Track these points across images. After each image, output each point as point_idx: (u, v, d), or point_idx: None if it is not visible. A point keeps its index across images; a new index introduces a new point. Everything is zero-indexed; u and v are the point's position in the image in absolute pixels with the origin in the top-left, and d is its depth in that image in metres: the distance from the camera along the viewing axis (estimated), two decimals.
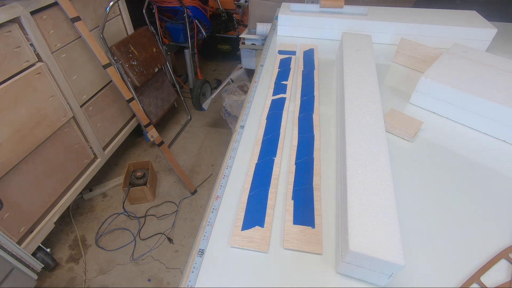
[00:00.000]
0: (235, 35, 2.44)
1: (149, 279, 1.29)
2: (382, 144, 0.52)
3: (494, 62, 0.75)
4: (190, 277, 0.42)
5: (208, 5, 2.25)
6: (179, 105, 2.24)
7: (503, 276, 0.43)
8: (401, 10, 1.05)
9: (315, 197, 0.52)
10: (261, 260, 0.44)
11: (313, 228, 0.48)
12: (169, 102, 1.90)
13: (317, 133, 0.65)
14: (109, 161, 1.61)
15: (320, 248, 0.45)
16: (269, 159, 0.59)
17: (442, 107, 0.70)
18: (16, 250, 1.04)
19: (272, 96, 0.77)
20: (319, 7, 1.05)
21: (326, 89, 0.80)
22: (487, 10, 1.04)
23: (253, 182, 0.55)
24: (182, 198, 1.62)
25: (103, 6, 1.41)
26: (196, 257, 0.44)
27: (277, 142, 0.63)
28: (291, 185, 0.54)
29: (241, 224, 0.48)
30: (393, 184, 0.45)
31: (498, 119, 0.63)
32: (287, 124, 0.69)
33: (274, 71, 0.87)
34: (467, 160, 0.60)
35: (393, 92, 0.80)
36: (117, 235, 1.45)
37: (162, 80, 1.85)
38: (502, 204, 0.52)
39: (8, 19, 0.96)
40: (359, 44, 0.83)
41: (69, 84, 1.26)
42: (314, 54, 0.94)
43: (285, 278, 0.42)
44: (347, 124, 0.57)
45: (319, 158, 0.59)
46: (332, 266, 0.44)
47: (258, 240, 0.46)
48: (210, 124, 2.12)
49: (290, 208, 0.51)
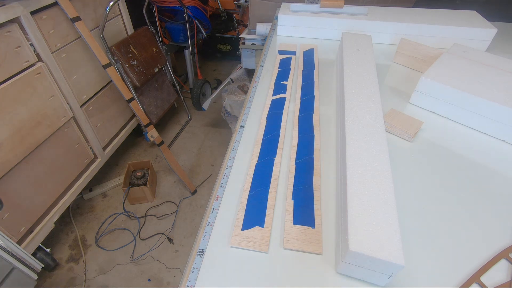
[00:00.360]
0: (235, 35, 2.44)
1: (149, 279, 1.29)
2: (382, 144, 0.52)
3: (494, 62, 0.75)
4: (190, 277, 0.42)
5: (208, 5, 2.25)
6: (179, 105, 2.24)
7: (503, 276, 0.43)
8: (401, 10, 1.05)
9: (315, 197, 0.52)
10: (261, 260, 0.44)
11: (313, 228, 0.48)
12: (169, 102, 1.90)
13: (317, 133, 0.65)
14: (109, 161, 1.61)
15: (320, 248, 0.45)
16: (269, 159, 0.59)
17: (442, 107, 0.70)
18: (16, 250, 1.04)
19: (272, 96, 0.77)
20: (319, 7, 1.05)
21: (326, 89, 0.80)
22: (487, 10, 1.04)
23: (253, 182, 0.55)
24: (182, 198, 1.62)
25: (103, 6, 1.41)
26: (196, 257, 0.44)
27: (277, 142, 0.63)
28: (291, 185, 0.54)
29: (241, 224, 0.48)
30: (393, 184, 0.45)
31: (498, 119, 0.63)
32: (287, 124, 0.69)
33: (274, 71, 0.87)
34: (467, 160, 0.60)
35: (393, 92, 0.80)
36: (117, 235, 1.45)
37: (162, 80, 1.85)
38: (502, 204, 0.52)
39: (8, 19, 0.96)
40: (359, 44, 0.83)
41: (69, 84, 1.26)
42: (314, 54, 0.94)
43: (285, 278, 0.42)
44: (347, 124, 0.57)
45: (319, 158, 0.59)
46: (332, 266, 0.44)
47: (258, 240, 0.46)
48: (210, 124, 2.12)
49: (290, 208, 0.51)
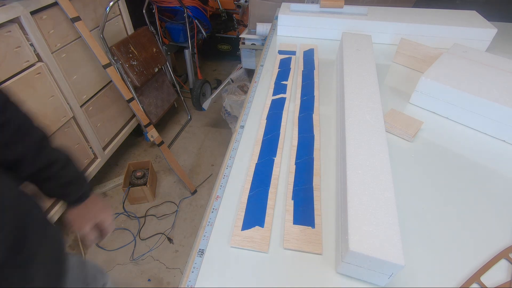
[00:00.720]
0: (235, 35, 2.44)
1: (149, 279, 1.29)
2: (382, 144, 0.52)
3: (494, 62, 0.75)
4: (190, 277, 0.42)
5: (208, 5, 2.25)
6: (179, 105, 2.24)
7: (503, 276, 0.43)
8: (401, 10, 1.05)
9: (315, 197, 0.52)
10: (261, 260, 0.44)
11: (313, 228, 0.48)
12: (169, 102, 1.90)
13: (317, 133, 0.65)
14: (109, 161, 1.61)
15: (320, 248, 0.45)
16: (269, 159, 0.59)
17: (442, 107, 0.70)
18: None
19: (272, 96, 0.77)
20: (319, 7, 1.05)
21: (326, 89, 0.80)
22: (487, 10, 1.04)
23: (253, 182, 0.55)
24: (182, 198, 1.62)
25: (103, 6, 1.40)
26: (196, 257, 0.44)
27: (277, 142, 0.63)
28: (291, 185, 0.54)
29: (241, 224, 0.48)
30: (394, 184, 0.45)
31: (498, 119, 0.63)
32: (287, 124, 0.69)
33: (274, 71, 0.87)
34: (467, 160, 0.60)
35: (393, 92, 0.80)
36: (117, 235, 1.45)
37: (162, 80, 1.85)
38: (502, 204, 0.52)
39: (8, 19, 0.96)
40: (359, 44, 0.83)
41: (69, 84, 1.26)
42: (314, 54, 0.94)
43: (285, 278, 0.42)
44: (347, 124, 0.57)
45: (319, 158, 0.59)
46: (332, 266, 0.44)
47: (258, 240, 0.46)
48: (210, 124, 2.12)
49: (290, 208, 0.51)
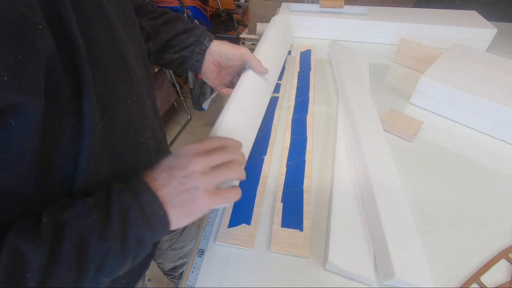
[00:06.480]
0: (235, 35, 2.44)
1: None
2: (383, 145, 0.52)
3: (494, 62, 0.75)
4: (190, 277, 0.42)
5: (208, 5, 2.25)
6: (179, 105, 2.24)
7: (503, 276, 0.43)
8: (401, 10, 1.05)
9: (305, 200, 0.51)
10: (261, 260, 0.44)
11: (301, 231, 0.47)
12: (169, 102, 1.90)
13: (310, 136, 0.64)
14: None
15: (308, 252, 0.45)
16: (258, 158, 0.58)
17: (442, 107, 0.70)
18: None
19: None
20: (319, 7, 1.05)
21: (322, 91, 0.80)
22: (487, 10, 1.04)
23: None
24: None
25: None
26: (196, 257, 0.44)
27: (267, 141, 0.62)
28: (281, 187, 0.54)
29: (227, 222, 0.48)
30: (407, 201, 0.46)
31: (498, 119, 0.63)
32: (280, 124, 0.68)
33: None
34: (467, 160, 0.60)
35: (393, 92, 0.79)
36: None
37: (162, 80, 1.85)
38: (502, 204, 0.52)
39: None
40: (348, 56, 0.83)
41: None
42: (311, 55, 0.93)
43: (285, 278, 0.42)
44: (339, 127, 0.57)
45: (311, 161, 0.58)
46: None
47: (243, 237, 0.46)
48: (210, 124, 2.11)
49: (279, 210, 0.50)
